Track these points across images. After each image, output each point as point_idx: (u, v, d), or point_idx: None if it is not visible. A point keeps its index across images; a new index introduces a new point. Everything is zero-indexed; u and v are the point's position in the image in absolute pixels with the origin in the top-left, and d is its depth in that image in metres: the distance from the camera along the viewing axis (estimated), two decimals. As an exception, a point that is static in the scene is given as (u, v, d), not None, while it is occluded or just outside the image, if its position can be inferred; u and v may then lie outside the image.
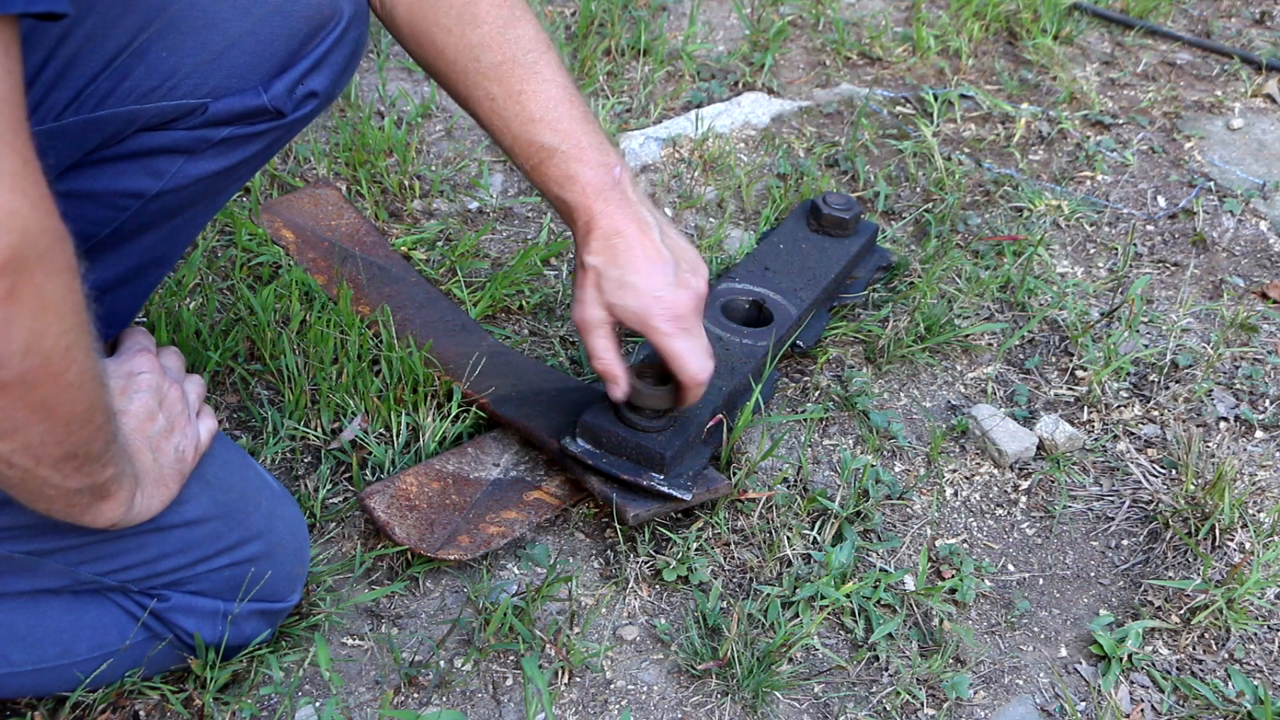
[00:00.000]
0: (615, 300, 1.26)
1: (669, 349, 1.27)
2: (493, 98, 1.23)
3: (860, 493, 1.45)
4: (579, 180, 1.25)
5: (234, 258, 1.69)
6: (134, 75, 1.06)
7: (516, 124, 1.23)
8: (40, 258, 0.76)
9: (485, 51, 1.21)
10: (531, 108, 1.23)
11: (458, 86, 1.24)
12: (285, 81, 1.13)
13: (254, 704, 1.18)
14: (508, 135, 1.24)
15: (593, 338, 1.29)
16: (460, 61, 1.22)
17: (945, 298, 1.76)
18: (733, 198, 1.95)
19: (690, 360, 1.27)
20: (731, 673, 1.26)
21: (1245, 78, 2.36)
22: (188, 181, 1.14)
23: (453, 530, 1.33)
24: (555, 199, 1.27)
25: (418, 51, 1.25)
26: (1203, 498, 1.46)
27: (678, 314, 1.26)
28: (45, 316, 0.78)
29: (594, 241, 1.25)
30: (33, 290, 0.77)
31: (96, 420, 0.88)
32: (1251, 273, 1.90)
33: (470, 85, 1.23)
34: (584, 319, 1.28)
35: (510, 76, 1.22)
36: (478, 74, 1.22)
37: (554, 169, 1.24)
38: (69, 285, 0.80)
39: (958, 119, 2.18)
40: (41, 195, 0.76)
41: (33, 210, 0.75)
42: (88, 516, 0.96)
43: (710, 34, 2.39)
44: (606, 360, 1.30)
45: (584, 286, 1.27)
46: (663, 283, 1.25)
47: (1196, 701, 1.29)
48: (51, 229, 0.78)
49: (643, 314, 1.25)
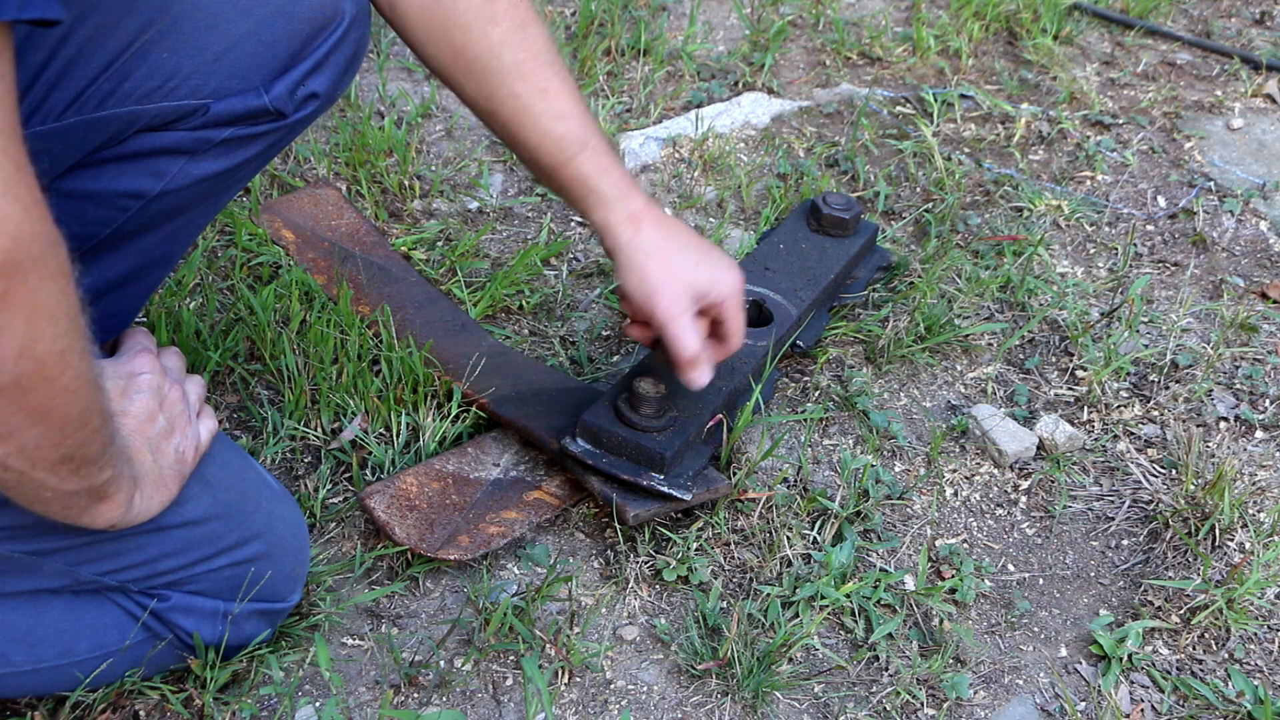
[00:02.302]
0: (696, 278, 1.26)
1: (738, 319, 1.32)
2: (517, 96, 1.22)
3: (860, 493, 1.45)
4: (613, 172, 1.25)
5: (234, 258, 1.69)
6: (135, 76, 1.06)
7: (546, 120, 1.22)
8: (33, 262, 0.76)
9: (507, 49, 1.20)
10: (559, 104, 1.22)
11: (478, 87, 1.22)
12: (286, 82, 1.13)
13: (254, 704, 1.18)
14: (535, 133, 1.23)
15: (682, 323, 1.26)
16: (481, 60, 1.21)
17: (945, 298, 1.76)
18: (733, 198, 1.95)
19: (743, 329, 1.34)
20: (731, 673, 1.26)
21: (1245, 78, 2.36)
22: (189, 182, 1.14)
23: (453, 530, 1.33)
24: (591, 192, 1.25)
25: (433, 53, 1.22)
26: (1203, 498, 1.46)
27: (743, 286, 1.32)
28: (39, 321, 0.78)
29: (648, 229, 1.26)
30: (26, 295, 0.77)
31: (92, 423, 0.88)
32: (1251, 273, 1.90)
33: (494, 85, 1.22)
34: (671, 309, 1.25)
35: (534, 74, 1.21)
36: (500, 72, 1.21)
37: (589, 162, 1.24)
38: (63, 290, 0.80)
39: (958, 119, 2.18)
40: (34, 200, 0.76)
41: (25, 215, 0.75)
42: (86, 518, 0.96)
43: (710, 34, 2.39)
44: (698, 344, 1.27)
45: (660, 274, 1.25)
46: (722, 255, 1.31)
47: (1196, 701, 1.29)
48: (44, 234, 0.78)
49: (728, 288, 1.29)
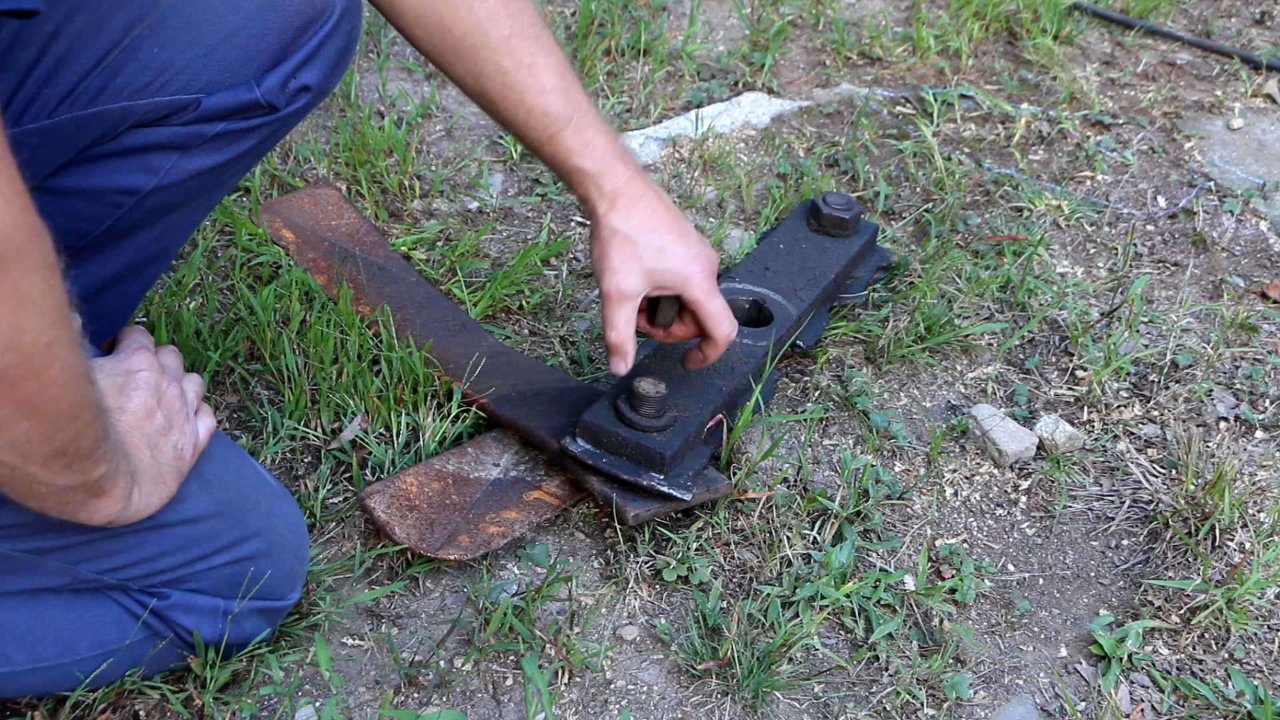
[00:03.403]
0: (655, 265, 1.26)
1: (710, 308, 1.30)
2: (505, 71, 1.22)
3: (860, 493, 1.45)
4: (597, 146, 1.25)
5: (234, 258, 1.69)
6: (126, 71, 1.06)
7: (531, 95, 1.22)
8: (16, 254, 0.76)
9: (494, 25, 1.20)
10: (544, 79, 1.22)
11: (466, 64, 1.23)
12: (278, 76, 1.13)
13: (254, 704, 1.18)
14: (521, 109, 1.23)
15: (623, 309, 1.27)
16: (469, 37, 1.21)
17: (945, 298, 1.76)
18: (733, 198, 1.95)
19: (725, 320, 1.31)
20: (731, 673, 1.25)
21: (1245, 78, 2.36)
22: (182, 178, 1.14)
23: (453, 530, 1.33)
24: (573, 169, 1.26)
25: (421, 33, 1.23)
26: (1203, 498, 1.46)
27: (713, 273, 1.29)
28: (23, 313, 0.78)
29: (621, 207, 1.25)
30: (9, 287, 0.76)
31: (84, 417, 0.88)
32: (1251, 273, 1.90)
33: (481, 61, 1.22)
34: (621, 289, 1.26)
35: (520, 49, 1.22)
36: (488, 49, 1.21)
37: (571, 137, 1.24)
38: (48, 282, 0.80)
39: (958, 119, 2.18)
40: (16, 192, 0.76)
41: (7, 207, 0.75)
42: (83, 513, 0.95)
43: (710, 34, 2.39)
44: (628, 334, 1.28)
45: (618, 255, 1.25)
46: (695, 243, 1.28)
47: (1196, 701, 1.29)
48: (27, 225, 0.77)
49: (686, 276, 1.27)
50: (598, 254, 1.27)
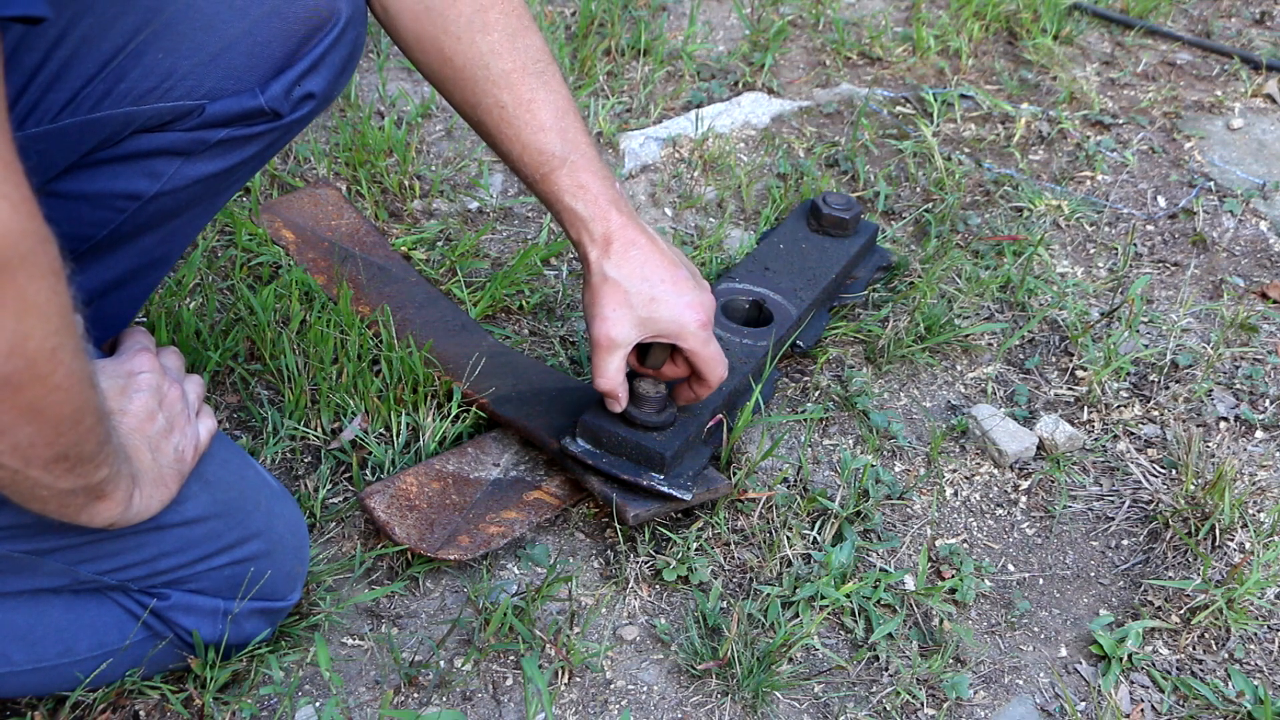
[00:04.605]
0: (648, 314, 1.25)
1: (704, 355, 1.29)
2: (503, 105, 1.21)
3: (860, 493, 1.45)
4: (590, 189, 1.24)
5: (234, 258, 1.69)
6: (130, 77, 1.06)
7: (527, 132, 1.22)
8: (22, 260, 0.76)
9: (495, 59, 1.20)
10: (542, 116, 1.22)
11: (465, 94, 1.23)
12: (282, 83, 1.13)
13: (254, 704, 1.18)
14: (517, 144, 1.23)
15: (613, 357, 1.27)
16: (469, 69, 1.21)
17: (945, 298, 1.76)
18: (733, 198, 1.95)
19: (719, 365, 1.31)
20: (731, 673, 1.26)
21: (1245, 78, 2.36)
22: (185, 183, 1.14)
23: (453, 530, 1.33)
24: (565, 209, 1.25)
25: (422, 59, 1.23)
26: (1203, 498, 1.46)
27: (708, 320, 1.27)
28: (29, 319, 0.78)
29: (614, 253, 1.24)
30: (15, 293, 0.76)
31: (86, 422, 0.88)
32: (1251, 273, 1.90)
33: (479, 93, 1.21)
34: (611, 337, 1.25)
35: (521, 85, 1.21)
36: (487, 82, 1.21)
37: (565, 178, 1.23)
38: (53, 288, 0.80)
39: (958, 119, 2.18)
40: (23, 198, 0.76)
41: (13, 212, 0.75)
42: (84, 516, 0.95)
43: (710, 34, 2.39)
44: (619, 380, 1.29)
45: (609, 303, 1.24)
46: (690, 290, 1.26)
47: (1196, 701, 1.29)
48: (34, 231, 0.77)
49: (680, 326, 1.26)
50: (589, 300, 1.26)
